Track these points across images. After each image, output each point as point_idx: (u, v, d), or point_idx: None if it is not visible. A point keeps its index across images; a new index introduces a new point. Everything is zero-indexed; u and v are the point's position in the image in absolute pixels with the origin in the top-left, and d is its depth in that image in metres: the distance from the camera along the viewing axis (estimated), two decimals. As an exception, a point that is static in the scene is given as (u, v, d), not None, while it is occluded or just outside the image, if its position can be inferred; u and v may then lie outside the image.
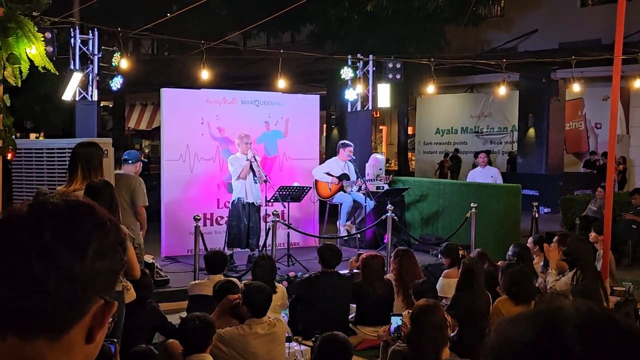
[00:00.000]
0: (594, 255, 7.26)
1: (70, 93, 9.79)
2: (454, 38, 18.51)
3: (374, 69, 12.07)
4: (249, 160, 9.27)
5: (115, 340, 3.60)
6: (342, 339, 4.28)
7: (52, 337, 1.01)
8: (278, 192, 9.62)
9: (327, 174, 10.52)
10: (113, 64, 10.17)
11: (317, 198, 10.84)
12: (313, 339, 4.82)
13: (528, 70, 17.78)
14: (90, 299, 1.03)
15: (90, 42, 10.03)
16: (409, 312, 5.10)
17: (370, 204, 10.36)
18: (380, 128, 30.01)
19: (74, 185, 5.16)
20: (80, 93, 9.98)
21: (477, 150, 22.31)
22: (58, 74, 6.24)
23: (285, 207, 9.76)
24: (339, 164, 10.64)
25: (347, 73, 11.84)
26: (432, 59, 12.71)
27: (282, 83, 11.54)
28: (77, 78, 9.72)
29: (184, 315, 5.43)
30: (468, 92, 24.55)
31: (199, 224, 8.28)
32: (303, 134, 11.25)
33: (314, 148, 11.55)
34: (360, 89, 11.97)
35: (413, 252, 7.51)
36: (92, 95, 10.11)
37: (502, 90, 13.62)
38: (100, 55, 10.12)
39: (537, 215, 10.61)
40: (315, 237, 10.62)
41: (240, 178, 9.27)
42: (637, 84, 13.81)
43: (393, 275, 7.04)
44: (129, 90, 22.44)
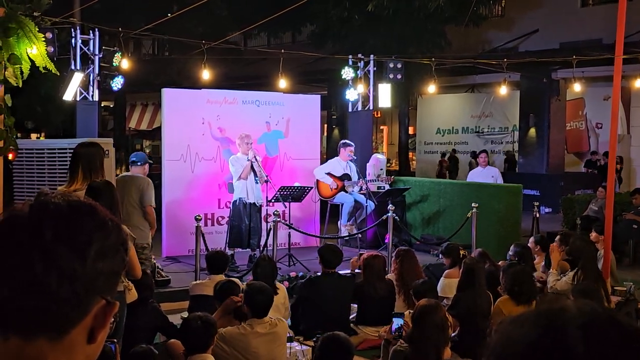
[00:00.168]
0: (596, 256, 7.25)
1: (71, 93, 9.79)
2: (455, 38, 18.50)
3: (375, 69, 12.07)
4: (250, 161, 9.26)
5: (116, 341, 3.60)
6: (343, 339, 4.28)
7: (53, 337, 1.01)
8: (279, 192, 9.62)
9: (328, 175, 10.52)
10: (114, 64, 10.17)
11: (318, 198, 10.84)
12: (314, 339, 4.82)
13: (529, 70, 17.77)
14: (92, 299, 1.03)
15: (91, 42, 10.04)
16: (410, 312, 5.10)
17: (371, 204, 10.36)
18: (381, 128, 30.01)
19: (75, 186, 5.16)
20: (81, 93, 9.99)
21: (476, 150, 22.36)
22: (59, 74, 6.24)
23: (286, 207, 9.76)
24: (341, 164, 10.64)
25: (348, 73, 11.84)
26: (433, 59, 12.70)
27: (283, 83, 11.54)
28: (78, 78, 9.72)
29: (185, 315, 5.43)
30: (469, 92, 24.55)
31: (200, 224, 8.29)
32: (304, 134, 11.25)
33: (315, 148, 11.54)
34: (361, 89, 11.97)
35: (414, 252, 7.51)
36: (93, 96, 10.12)
37: (503, 90, 13.62)
38: (101, 56, 10.12)
39: (537, 215, 10.60)
40: (316, 237, 10.62)
41: (242, 178, 9.27)
42: (638, 84, 13.81)
43: (394, 275, 7.04)
44: (130, 91, 22.45)
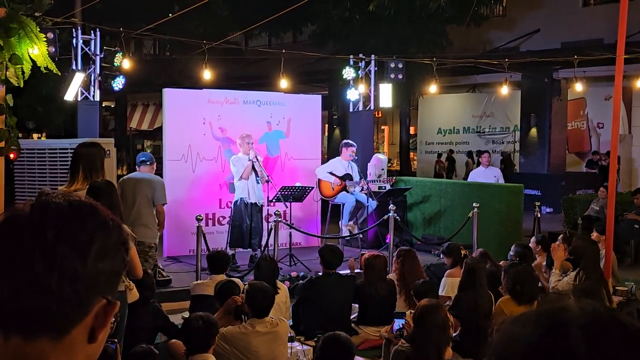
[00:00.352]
0: (598, 256, 7.24)
1: (72, 93, 9.79)
2: (456, 38, 18.49)
3: (376, 69, 12.06)
4: (251, 161, 9.26)
5: (116, 340, 3.60)
6: (344, 339, 4.28)
7: (54, 336, 1.01)
8: (280, 192, 9.62)
9: (330, 174, 10.52)
10: (115, 64, 10.17)
11: (319, 197, 10.83)
12: (315, 339, 4.82)
13: (530, 70, 17.77)
14: (93, 299, 1.03)
15: (92, 42, 10.04)
16: (412, 312, 5.10)
17: (373, 204, 10.35)
18: (382, 128, 30.01)
19: (75, 186, 5.17)
20: (82, 93, 9.99)
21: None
22: (60, 75, 6.24)
23: (287, 207, 9.76)
24: (343, 164, 10.64)
25: (349, 73, 11.84)
26: (434, 59, 12.69)
27: (284, 83, 11.54)
28: (79, 78, 9.72)
29: (186, 315, 5.44)
30: (470, 92, 24.53)
31: (201, 224, 8.29)
32: (305, 134, 11.25)
33: (316, 148, 11.54)
34: (362, 89, 11.96)
35: (415, 252, 7.50)
36: (94, 96, 10.12)
37: (504, 90, 13.62)
38: (102, 56, 10.12)
39: (539, 215, 10.60)
40: (318, 237, 10.62)
41: (243, 178, 9.27)
42: (639, 84, 13.79)
43: (395, 275, 7.04)
44: (131, 91, 22.47)
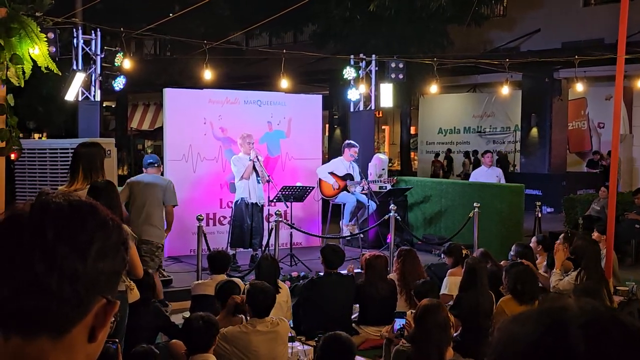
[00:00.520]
0: (599, 256, 7.24)
1: (73, 93, 9.80)
2: (457, 38, 18.49)
3: (377, 69, 12.06)
4: (252, 161, 9.26)
5: (117, 340, 3.60)
6: (345, 339, 4.28)
7: (54, 336, 1.01)
8: (281, 192, 9.62)
9: (330, 174, 10.52)
10: (116, 64, 10.17)
11: (320, 197, 10.83)
12: (316, 339, 4.82)
13: (531, 70, 17.76)
14: (93, 299, 1.03)
15: (93, 42, 10.04)
16: (412, 312, 5.10)
17: (373, 204, 10.35)
18: (383, 128, 30.01)
19: (75, 185, 5.17)
20: (83, 93, 9.99)
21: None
22: (61, 75, 6.24)
23: (288, 207, 9.76)
24: (344, 164, 10.64)
25: (349, 73, 11.83)
26: (434, 59, 12.69)
27: (284, 83, 11.53)
28: (79, 78, 9.72)
29: (187, 315, 5.44)
30: (471, 91, 24.53)
31: (202, 224, 8.30)
32: (306, 134, 11.25)
33: (317, 148, 11.55)
34: (363, 89, 11.96)
35: (416, 252, 7.50)
36: (94, 96, 10.12)
37: (504, 90, 13.61)
38: (103, 56, 10.12)
39: (540, 215, 10.59)
40: (318, 237, 10.62)
41: (243, 178, 9.27)
42: (640, 84, 13.77)
43: (396, 275, 7.03)
44: (132, 91, 22.49)
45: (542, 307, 0.92)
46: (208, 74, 10.76)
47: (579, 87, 13.95)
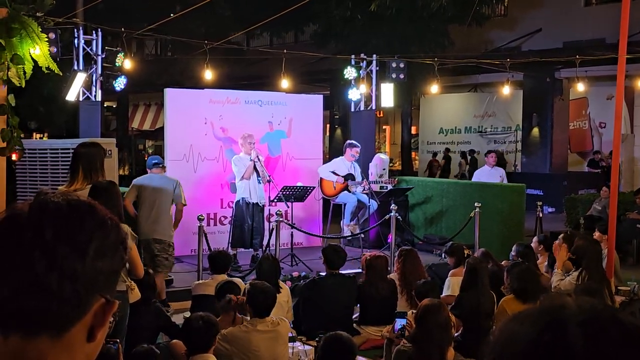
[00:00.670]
0: (600, 256, 7.23)
1: (74, 93, 9.80)
2: (458, 37, 18.48)
3: (378, 69, 12.06)
4: (253, 161, 9.26)
5: (118, 340, 3.60)
6: (345, 339, 4.28)
7: (53, 335, 1.01)
8: (281, 192, 9.62)
9: (332, 173, 10.52)
10: (117, 65, 10.17)
11: (321, 196, 10.82)
12: (317, 339, 4.82)
13: (532, 70, 17.74)
14: (92, 298, 1.03)
15: (94, 42, 10.04)
16: (413, 312, 5.10)
17: (374, 204, 10.35)
18: (384, 128, 30.00)
19: (75, 185, 5.18)
20: (84, 93, 9.99)
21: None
22: (62, 75, 6.24)
23: (289, 207, 9.76)
24: (345, 164, 10.64)
25: (350, 73, 11.83)
26: (435, 59, 12.69)
27: (285, 83, 11.53)
28: (80, 78, 9.72)
29: (188, 315, 5.44)
30: (472, 91, 24.52)
31: (203, 224, 8.31)
32: (306, 134, 11.25)
33: (318, 148, 11.55)
34: (364, 89, 11.96)
35: (417, 251, 7.50)
36: (95, 96, 10.12)
37: (506, 90, 13.60)
38: (104, 56, 10.12)
39: (541, 215, 10.59)
40: (319, 237, 10.62)
41: (244, 178, 9.27)
42: (641, 83, 13.76)
43: (397, 275, 7.04)
44: (133, 91, 22.46)
45: (540, 305, 0.92)
46: (209, 74, 10.77)
47: (580, 86, 13.94)
